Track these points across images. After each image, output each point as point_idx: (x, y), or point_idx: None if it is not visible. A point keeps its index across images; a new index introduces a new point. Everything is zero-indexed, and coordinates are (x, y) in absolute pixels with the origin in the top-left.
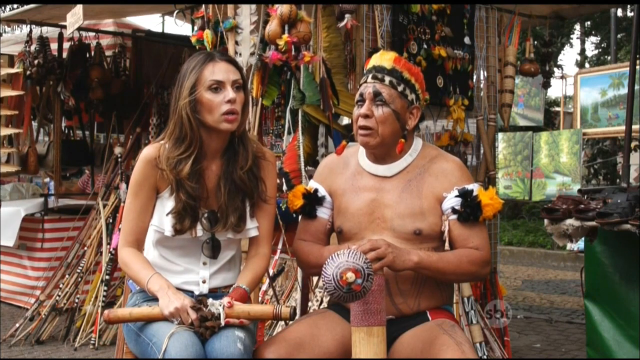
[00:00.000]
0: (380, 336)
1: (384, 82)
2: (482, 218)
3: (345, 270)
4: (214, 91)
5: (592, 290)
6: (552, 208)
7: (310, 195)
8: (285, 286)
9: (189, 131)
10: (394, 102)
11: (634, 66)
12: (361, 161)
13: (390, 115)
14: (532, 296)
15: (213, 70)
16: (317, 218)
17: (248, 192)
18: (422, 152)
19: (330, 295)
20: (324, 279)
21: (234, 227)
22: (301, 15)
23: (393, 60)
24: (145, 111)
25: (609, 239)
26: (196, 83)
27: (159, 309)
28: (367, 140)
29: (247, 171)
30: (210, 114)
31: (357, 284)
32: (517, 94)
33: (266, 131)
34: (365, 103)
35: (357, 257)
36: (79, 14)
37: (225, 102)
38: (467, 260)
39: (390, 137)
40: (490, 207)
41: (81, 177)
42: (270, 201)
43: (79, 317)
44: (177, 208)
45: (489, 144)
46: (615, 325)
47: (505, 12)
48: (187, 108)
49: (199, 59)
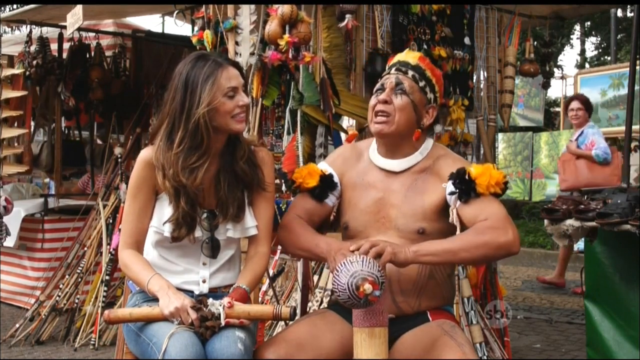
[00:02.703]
0: (382, 337)
1: (407, 75)
2: (484, 190)
3: (362, 282)
4: (230, 98)
5: (592, 290)
6: (552, 208)
7: (326, 178)
8: (285, 286)
9: (205, 139)
10: (413, 93)
11: (634, 66)
12: (372, 155)
13: (409, 105)
14: (532, 296)
15: (228, 77)
16: (322, 203)
17: (248, 182)
18: (431, 152)
19: (342, 302)
20: (336, 287)
21: (233, 218)
22: (301, 16)
23: (418, 58)
24: (145, 111)
25: (609, 239)
26: (215, 92)
27: (159, 309)
28: (382, 127)
29: (246, 161)
30: (225, 118)
31: (375, 296)
32: (517, 95)
33: (266, 131)
34: (385, 91)
35: (372, 266)
36: (79, 14)
37: (238, 106)
38: (474, 233)
39: (405, 126)
40: (485, 176)
41: (81, 178)
42: (269, 188)
43: (79, 318)
44: (175, 216)
45: (489, 144)
46: (615, 326)
47: (505, 13)
48: (207, 117)
49: (209, 66)
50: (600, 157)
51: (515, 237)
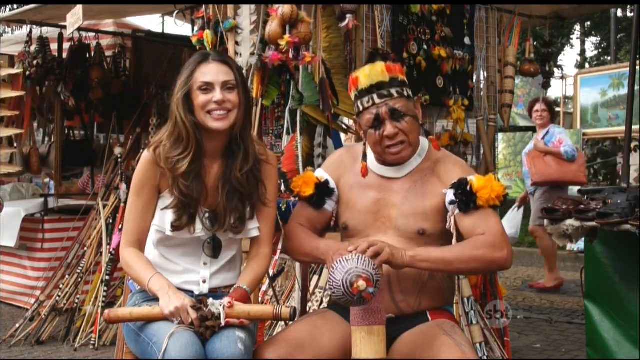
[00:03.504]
0: (381, 335)
1: (393, 97)
2: (484, 203)
3: (356, 278)
4: (204, 92)
5: (592, 290)
6: (552, 208)
7: (322, 185)
8: (285, 286)
9: (183, 130)
10: (408, 109)
11: (634, 66)
12: (370, 164)
13: (412, 122)
14: (532, 296)
15: (204, 71)
16: (321, 209)
17: (246, 194)
18: (429, 153)
19: (337, 299)
20: (331, 284)
21: (232, 229)
22: (302, 16)
23: (386, 71)
24: (145, 111)
25: (609, 239)
26: (188, 83)
27: (159, 308)
28: (403, 155)
29: (247, 173)
30: (199, 112)
31: (369, 293)
32: (517, 95)
33: (266, 131)
34: (385, 124)
35: (366, 264)
36: (79, 14)
37: (213, 101)
38: (472, 246)
39: (417, 141)
40: (487, 189)
41: (81, 178)
42: (270, 204)
43: (79, 318)
44: (172, 203)
45: (489, 144)
46: (615, 326)
47: (505, 13)
48: (180, 107)
49: (194, 59)
50: (569, 154)
51: (509, 254)
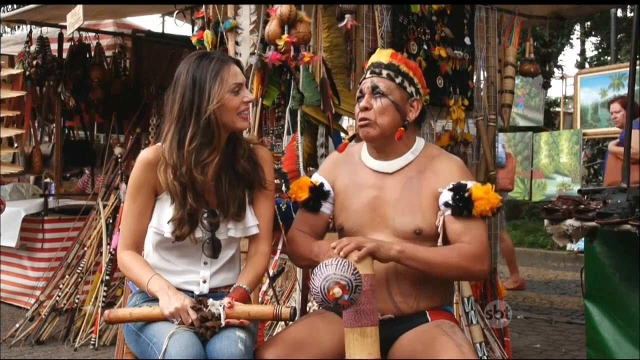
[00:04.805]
0: (374, 336)
1: (381, 75)
2: (477, 213)
3: (333, 285)
4: (235, 93)
5: (592, 290)
6: (552, 208)
7: (316, 188)
8: (285, 286)
9: (216, 135)
10: (392, 93)
11: (634, 66)
12: (364, 157)
13: (389, 106)
14: (532, 296)
15: (233, 73)
16: (319, 213)
17: (249, 180)
18: (424, 152)
19: (318, 305)
20: (312, 290)
21: (234, 217)
22: (300, 16)
23: (390, 56)
24: (145, 112)
25: (609, 240)
26: (222, 88)
27: (159, 309)
28: (367, 131)
29: (247, 159)
30: (231, 114)
31: (344, 300)
32: (517, 95)
33: (266, 131)
34: (364, 97)
35: (345, 269)
36: (79, 14)
37: (243, 102)
38: (457, 254)
39: (389, 127)
40: (484, 200)
41: (81, 178)
42: (269, 186)
43: (79, 318)
44: (179, 214)
45: (489, 145)
46: (615, 326)
47: (505, 13)
48: (217, 113)
49: (216, 63)
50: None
51: (488, 267)
